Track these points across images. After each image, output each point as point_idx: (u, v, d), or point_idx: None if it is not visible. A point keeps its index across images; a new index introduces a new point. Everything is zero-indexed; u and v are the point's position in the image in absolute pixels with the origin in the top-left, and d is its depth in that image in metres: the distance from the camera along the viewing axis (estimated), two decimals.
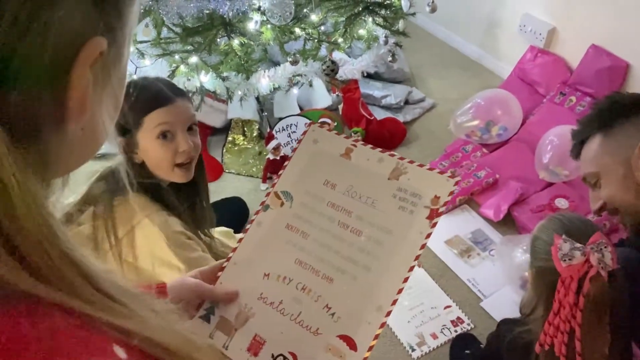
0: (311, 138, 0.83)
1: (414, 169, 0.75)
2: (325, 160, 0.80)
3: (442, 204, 0.72)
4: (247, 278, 0.78)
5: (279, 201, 0.80)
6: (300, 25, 1.90)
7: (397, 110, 2.70)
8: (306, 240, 0.76)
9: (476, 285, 1.92)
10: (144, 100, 1.17)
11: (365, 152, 0.78)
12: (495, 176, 2.24)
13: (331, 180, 0.78)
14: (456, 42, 3.23)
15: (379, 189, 0.75)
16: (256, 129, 2.47)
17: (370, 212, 0.75)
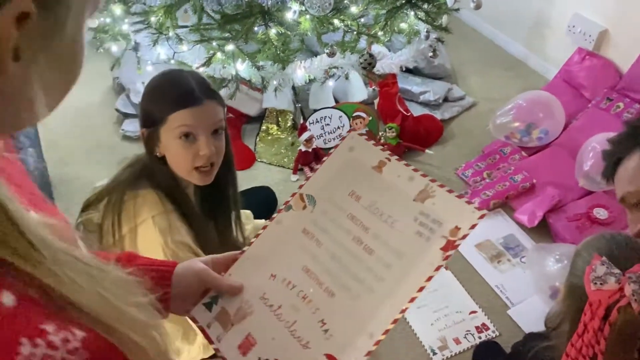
0: (348, 145, 0.81)
1: (442, 194, 0.72)
2: (357, 170, 0.78)
3: (460, 236, 0.68)
4: (255, 275, 0.78)
5: (302, 204, 0.80)
6: (339, 17, 1.87)
7: (435, 107, 2.65)
8: (319, 248, 0.75)
9: (504, 292, 1.87)
10: (172, 97, 1.14)
11: (398, 168, 0.76)
12: (532, 181, 2.17)
13: (357, 192, 0.77)
14: (501, 40, 3.13)
15: (402, 209, 0.73)
16: (290, 120, 2.46)
17: (387, 232, 0.73)
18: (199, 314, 0.77)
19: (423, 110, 2.60)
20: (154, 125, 1.17)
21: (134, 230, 1.15)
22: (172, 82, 1.17)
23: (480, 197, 2.13)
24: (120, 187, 1.19)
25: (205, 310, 0.77)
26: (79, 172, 2.37)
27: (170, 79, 1.19)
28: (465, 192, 2.18)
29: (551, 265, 1.81)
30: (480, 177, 2.27)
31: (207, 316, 0.77)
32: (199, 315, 0.77)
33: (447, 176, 2.32)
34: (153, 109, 1.17)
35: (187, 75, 1.20)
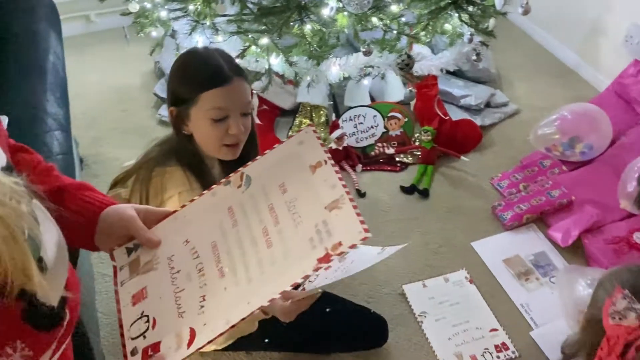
0: (300, 138, 0.82)
1: (348, 208, 0.72)
2: (295, 165, 0.80)
3: (338, 252, 0.68)
4: (174, 235, 0.81)
5: (239, 182, 0.83)
6: (378, 15, 1.82)
7: (476, 112, 2.56)
8: (232, 229, 0.78)
9: (529, 312, 1.80)
10: (202, 76, 1.16)
11: (328, 173, 0.77)
12: (570, 197, 2.07)
13: (286, 185, 0.79)
14: (552, 45, 3.00)
15: (312, 212, 0.74)
16: (324, 115, 2.42)
17: (290, 230, 0.74)
18: (118, 255, 0.82)
19: (463, 115, 2.52)
20: (183, 105, 1.18)
21: (161, 205, 1.17)
22: (201, 60, 1.19)
23: (513, 210, 2.05)
24: (149, 163, 1.22)
25: (125, 253, 0.81)
26: (113, 153, 2.41)
27: (199, 57, 1.21)
28: (499, 204, 2.10)
29: (582, 289, 1.72)
30: (516, 189, 2.18)
31: (123, 259, 0.81)
32: (118, 256, 0.82)
33: (482, 185, 2.24)
34: (183, 89, 1.19)
35: (215, 53, 1.22)
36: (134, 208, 0.82)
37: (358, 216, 0.70)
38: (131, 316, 0.75)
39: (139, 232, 0.80)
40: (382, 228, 2.07)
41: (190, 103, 1.17)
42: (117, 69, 2.91)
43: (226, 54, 1.24)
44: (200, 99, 1.16)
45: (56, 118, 1.41)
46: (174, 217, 0.83)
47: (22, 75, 1.46)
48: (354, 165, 2.29)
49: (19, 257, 0.54)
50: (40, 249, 0.64)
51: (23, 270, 0.55)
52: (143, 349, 0.71)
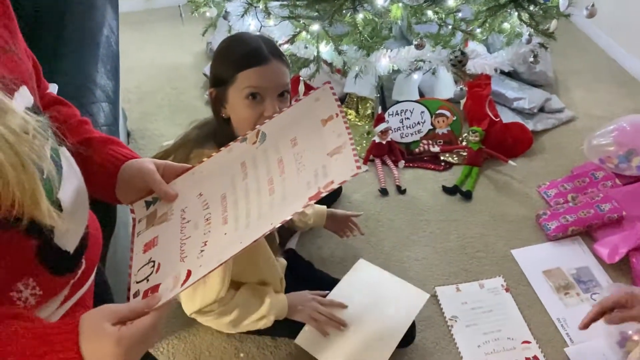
0: (317, 95, 0.83)
1: (347, 152, 0.73)
2: (308, 120, 0.81)
3: (328, 188, 0.70)
4: (189, 189, 0.83)
5: (255, 139, 0.85)
6: (434, 9, 1.76)
7: (529, 116, 2.47)
8: (242, 181, 0.80)
9: (566, 327, 1.72)
10: (240, 56, 1.17)
11: (338, 124, 0.78)
12: (621, 213, 1.96)
13: (297, 139, 0.80)
14: (617, 53, 2.85)
15: (315, 159, 0.75)
16: (370, 108, 2.39)
17: (292, 177, 0.76)
18: (138, 208, 0.84)
19: (514, 118, 2.43)
20: (222, 85, 1.20)
21: None
22: (240, 41, 1.21)
23: (559, 220, 1.97)
24: (188, 145, 1.24)
25: (144, 207, 0.84)
26: (160, 129, 2.45)
27: (238, 38, 1.23)
28: (544, 213, 2.02)
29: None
30: (564, 199, 2.10)
31: (142, 212, 0.84)
32: (137, 208, 0.84)
33: (528, 192, 2.16)
34: (222, 69, 1.21)
35: (254, 35, 1.24)
36: (153, 162, 0.84)
37: (354, 155, 0.72)
38: (140, 262, 0.78)
39: (156, 185, 0.82)
40: (420, 227, 2.02)
41: (228, 83, 1.18)
42: (170, 47, 2.96)
43: (268, 38, 1.25)
44: (238, 78, 1.17)
45: (104, 90, 1.43)
46: (191, 172, 0.85)
47: (75, 46, 1.49)
48: (396, 160, 2.25)
49: (29, 184, 0.55)
50: (57, 190, 0.65)
51: (31, 197, 0.56)
52: (144, 290, 0.73)
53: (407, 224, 2.03)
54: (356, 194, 2.14)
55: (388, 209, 2.09)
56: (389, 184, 2.18)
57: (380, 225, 2.03)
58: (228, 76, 1.18)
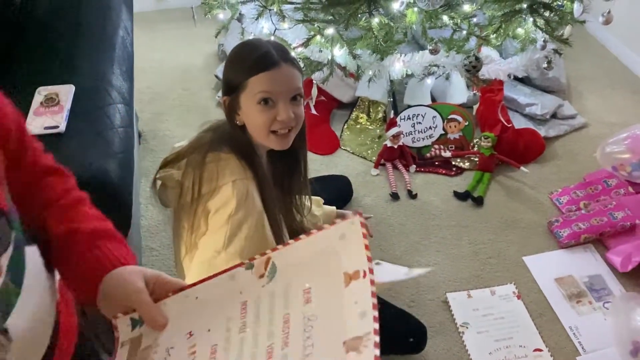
0: (342, 230, 0.64)
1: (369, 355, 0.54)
2: (329, 267, 0.63)
3: None
4: (179, 321, 0.70)
5: (263, 270, 0.68)
6: (449, 13, 1.76)
7: (541, 122, 2.45)
8: (237, 335, 0.65)
9: (578, 335, 1.71)
10: (250, 61, 1.16)
11: (363, 290, 0.58)
12: (634, 221, 1.95)
13: (312, 294, 0.63)
14: (630, 59, 2.84)
15: (327, 347, 0.58)
16: (382, 112, 2.39)
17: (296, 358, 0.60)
18: (122, 325, 0.71)
19: (527, 124, 2.42)
20: (235, 92, 1.19)
21: (216, 191, 1.17)
22: (249, 47, 1.20)
23: (571, 227, 1.96)
24: (203, 148, 1.21)
25: (129, 325, 0.71)
26: (172, 130, 2.45)
27: (248, 44, 1.23)
28: (556, 220, 2.01)
29: (639, 319, 1.62)
30: (576, 207, 2.08)
31: (126, 333, 0.71)
32: (121, 326, 0.71)
33: (540, 199, 2.15)
34: (233, 76, 1.20)
35: (264, 40, 1.23)
36: (143, 274, 0.70)
37: None
38: None
39: (143, 309, 0.69)
40: (431, 232, 2.01)
41: (240, 89, 1.17)
42: (182, 48, 2.96)
43: (278, 43, 1.24)
44: (249, 83, 1.16)
45: (120, 91, 1.43)
46: (185, 295, 0.72)
47: (91, 47, 1.49)
48: (407, 165, 2.25)
49: None
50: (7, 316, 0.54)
51: None
52: None
53: (418, 229, 2.03)
54: (367, 197, 2.13)
55: (399, 214, 2.08)
56: (400, 188, 2.17)
57: (391, 229, 2.02)
58: (239, 83, 1.17)
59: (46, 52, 1.44)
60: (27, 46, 1.49)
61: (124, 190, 1.23)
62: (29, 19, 1.60)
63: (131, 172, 1.32)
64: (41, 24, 1.56)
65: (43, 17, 1.58)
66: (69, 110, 1.24)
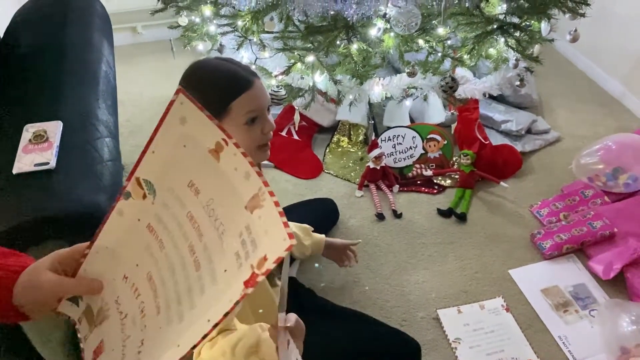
0: (179, 114, 0.64)
1: (270, 205, 0.55)
2: (192, 152, 0.63)
3: (264, 270, 0.53)
4: (110, 272, 0.70)
5: (141, 191, 0.68)
6: (424, 37, 1.82)
7: (517, 138, 2.53)
8: (160, 252, 0.66)
9: (567, 345, 1.74)
10: (226, 86, 1.12)
11: (235, 158, 0.59)
12: (612, 229, 2.01)
13: (196, 183, 0.63)
14: (597, 74, 2.95)
15: (233, 216, 0.59)
16: (362, 134, 2.43)
17: (214, 244, 0.60)
18: (67, 309, 0.71)
19: (503, 140, 2.49)
20: None
21: None
22: (217, 72, 1.14)
23: (553, 239, 2.01)
24: None
25: (73, 304, 0.71)
26: None
27: (213, 70, 1.16)
28: (538, 232, 2.06)
29: (625, 325, 1.67)
30: (556, 218, 2.14)
31: (76, 310, 0.72)
32: (67, 310, 0.72)
33: (520, 212, 2.20)
34: (208, 104, 1.13)
35: (224, 62, 1.17)
36: (45, 267, 0.69)
37: (281, 216, 0.54)
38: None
39: (75, 290, 0.69)
40: (418, 250, 2.04)
41: (222, 116, 1.14)
42: (160, 80, 2.98)
43: (235, 60, 1.20)
44: (232, 108, 1.13)
45: (107, 125, 1.44)
46: (95, 251, 0.71)
47: (76, 82, 1.50)
48: (391, 185, 2.28)
49: None
50: None
51: None
52: None
53: (405, 248, 2.05)
54: (353, 219, 2.16)
55: (385, 234, 2.11)
56: (384, 208, 2.20)
57: (379, 249, 2.04)
58: (219, 109, 1.13)
59: (31, 89, 1.44)
60: (11, 82, 1.49)
61: None
62: (11, 55, 1.60)
63: None
64: (24, 59, 1.56)
65: (26, 53, 1.59)
66: (58, 147, 1.25)
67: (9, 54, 1.62)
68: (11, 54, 1.61)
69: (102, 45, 1.76)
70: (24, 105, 1.39)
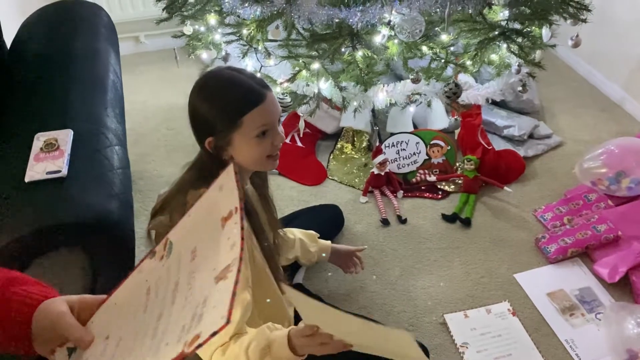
0: (220, 182, 0.67)
1: (231, 279, 0.56)
2: (210, 219, 0.66)
3: (193, 347, 0.53)
4: (102, 329, 0.70)
5: (162, 252, 0.70)
6: (428, 44, 1.84)
7: (519, 143, 2.54)
8: (138, 316, 0.67)
9: (574, 348, 1.75)
10: (239, 99, 1.14)
11: (232, 228, 0.61)
12: (617, 233, 2.02)
13: (197, 250, 0.65)
14: (597, 79, 2.97)
15: (202, 288, 0.60)
16: (366, 141, 2.45)
17: (176, 315, 0.61)
18: (60, 357, 0.71)
19: (506, 145, 2.51)
20: (223, 132, 1.16)
21: None
22: (231, 85, 1.16)
23: (558, 243, 2.02)
24: (184, 188, 1.20)
25: (66, 355, 0.71)
26: (159, 170, 2.47)
27: (226, 82, 1.17)
28: (543, 237, 2.07)
29: (631, 328, 1.67)
30: (560, 222, 2.15)
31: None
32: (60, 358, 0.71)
33: (524, 217, 2.22)
34: (220, 117, 1.15)
35: (237, 74, 1.18)
36: (66, 301, 0.71)
37: (233, 292, 0.55)
38: None
39: (68, 332, 0.69)
40: (423, 255, 2.05)
41: (233, 129, 1.15)
42: (164, 89, 3.00)
43: (247, 71, 1.23)
44: (244, 122, 1.14)
45: (116, 133, 1.45)
46: (106, 306, 0.73)
47: (85, 91, 1.52)
48: (395, 191, 2.29)
49: None
50: None
51: None
52: None
53: (410, 253, 2.06)
54: (358, 225, 2.17)
55: (390, 239, 2.12)
56: (389, 214, 2.21)
57: (384, 255, 2.05)
58: (230, 122, 1.14)
59: (41, 97, 1.46)
60: (20, 91, 1.51)
61: (126, 229, 1.24)
62: (20, 64, 1.62)
63: (131, 212, 1.34)
64: (33, 69, 1.58)
65: (34, 62, 1.61)
66: (69, 155, 1.26)
67: (18, 63, 1.63)
68: (20, 64, 1.63)
69: (109, 55, 1.77)
70: (34, 114, 1.41)
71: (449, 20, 1.69)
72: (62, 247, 1.14)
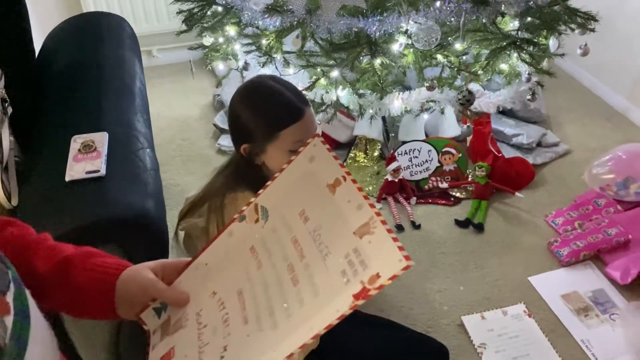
0: (309, 154, 0.73)
1: (381, 232, 0.61)
2: (312, 186, 0.71)
3: (377, 285, 0.57)
4: (200, 288, 0.75)
5: (255, 216, 0.75)
6: (443, 53, 1.90)
7: (528, 151, 2.60)
8: (257, 271, 0.71)
9: (590, 347, 1.78)
10: (279, 114, 1.18)
11: (351, 191, 0.66)
12: (627, 236, 2.07)
13: (307, 212, 0.70)
14: (601, 90, 3.04)
15: (340, 241, 0.64)
16: (378, 149, 2.49)
17: (317, 264, 0.65)
18: (148, 318, 0.75)
19: (515, 153, 2.56)
20: (260, 141, 1.20)
21: None
22: (273, 99, 1.19)
23: (570, 246, 2.06)
24: (220, 191, 1.24)
25: (155, 315, 0.75)
26: (174, 179, 2.51)
27: (268, 95, 1.20)
28: (555, 240, 2.12)
29: None
30: (571, 227, 2.20)
31: (155, 322, 0.75)
32: (148, 319, 0.76)
33: (536, 222, 2.26)
34: (259, 127, 1.20)
35: (280, 88, 1.21)
36: (149, 269, 0.75)
37: (395, 241, 0.59)
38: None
39: (163, 294, 0.74)
40: (438, 260, 2.09)
41: (269, 140, 1.19)
42: (177, 101, 3.05)
43: (290, 84, 1.25)
44: (280, 136, 1.18)
45: (146, 137, 1.50)
46: (194, 267, 0.77)
47: (117, 97, 1.57)
48: (408, 197, 2.34)
49: None
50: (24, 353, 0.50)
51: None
52: None
53: (425, 258, 2.10)
54: None
55: (405, 244, 2.15)
56: (403, 220, 2.25)
57: None
58: (267, 134, 1.19)
59: (75, 102, 1.51)
60: (53, 97, 1.56)
61: (162, 227, 1.28)
62: (51, 72, 1.67)
63: (164, 211, 1.38)
64: (65, 76, 1.63)
65: (66, 71, 1.66)
66: (106, 156, 1.30)
67: (48, 71, 1.68)
68: (51, 71, 1.68)
69: (134, 63, 1.83)
70: (69, 119, 1.45)
71: (464, 29, 1.75)
72: (98, 243, 1.17)
